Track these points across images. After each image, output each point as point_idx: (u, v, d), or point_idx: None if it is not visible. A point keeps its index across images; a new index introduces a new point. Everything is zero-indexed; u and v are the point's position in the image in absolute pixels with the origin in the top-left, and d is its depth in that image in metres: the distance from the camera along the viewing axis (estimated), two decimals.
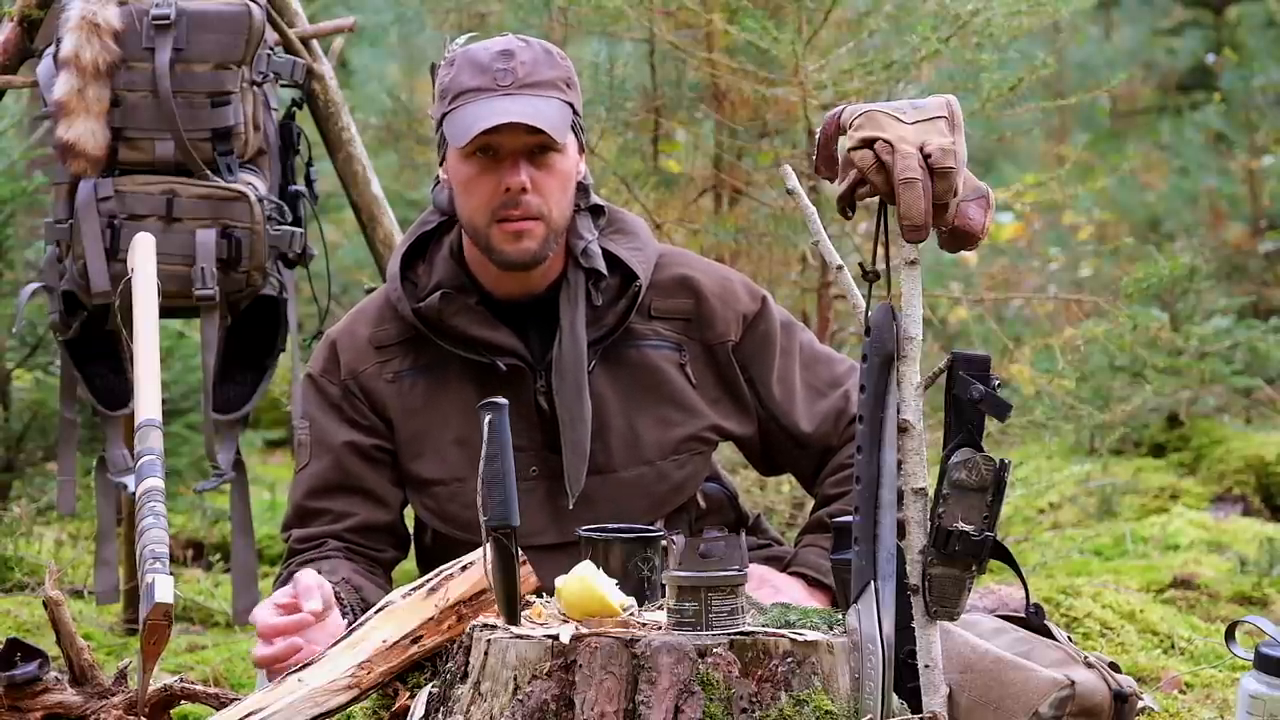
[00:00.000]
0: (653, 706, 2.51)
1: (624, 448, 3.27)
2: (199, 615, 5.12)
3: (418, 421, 3.29)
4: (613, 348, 3.28)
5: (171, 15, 3.84)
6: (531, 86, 3.16)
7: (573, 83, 3.24)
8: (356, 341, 3.32)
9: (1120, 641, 4.21)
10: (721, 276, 3.38)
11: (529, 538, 3.15)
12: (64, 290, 3.96)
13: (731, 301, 3.34)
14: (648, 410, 3.29)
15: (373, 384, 3.30)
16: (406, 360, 3.30)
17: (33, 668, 2.85)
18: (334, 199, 6.96)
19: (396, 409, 3.29)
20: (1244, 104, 9.86)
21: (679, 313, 3.32)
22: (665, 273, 3.33)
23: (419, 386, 3.29)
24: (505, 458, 2.68)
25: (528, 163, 3.17)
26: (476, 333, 3.24)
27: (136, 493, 3.06)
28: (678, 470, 3.30)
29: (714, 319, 3.32)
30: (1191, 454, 6.74)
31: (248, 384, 4.14)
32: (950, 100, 2.64)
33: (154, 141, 3.89)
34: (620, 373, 3.28)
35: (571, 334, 3.23)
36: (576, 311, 3.25)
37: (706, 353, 3.33)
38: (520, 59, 3.17)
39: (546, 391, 3.25)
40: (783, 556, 3.43)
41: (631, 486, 3.27)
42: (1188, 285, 6.89)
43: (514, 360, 3.24)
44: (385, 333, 3.31)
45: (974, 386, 2.61)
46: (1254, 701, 2.82)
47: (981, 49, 4.84)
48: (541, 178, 3.17)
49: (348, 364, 3.31)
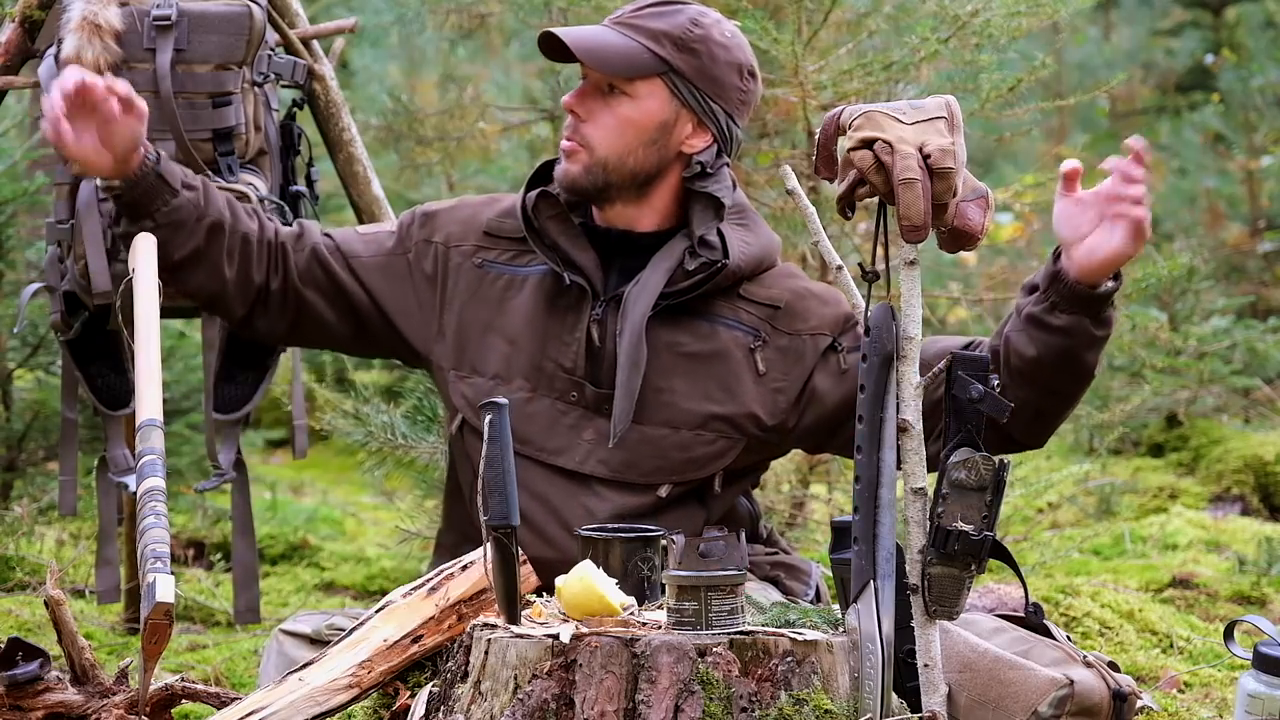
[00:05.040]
0: (653, 705, 2.52)
1: (657, 404, 3.28)
2: (200, 615, 5.12)
3: (484, 312, 3.37)
4: (686, 315, 3.30)
5: (172, 16, 3.84)
6: (628, 25, 3.27)
7: (693, 49, 3.26)
8: (475, 219, 3.44)
9: (1119, 641, 4.21)
10: (831, 291, 3.40)
11: (550, 455, 3.27)
12: (65, 290, 3.96)
13: (834, 304, 3.35)
14: (693, 380, 3.29)
15: (457, 260, 3.42)
16: (504, 256, 3.40)
17: (34, 667, 2.86)
18: (335, 199, 6.97)
19: (468, 294, 3.38)
20: (1242, 104, 9.86)
21: (769, 300, 3.34)
22: (776, 272, 3.38)
23: (499, 283, 3.38)
24: (506, 457, 2.69)
25: (598, 94, 3.27)
26: (560, 240, 3.32)
27: (138, 492, 3.07)
28: (701, 445, 3.29)
29: (809, 314, 3.33)
30: (1190, 454, 6.75)
31: (249, 384, 4.13)
32: (949, 101, 2.64)
33: (155, 142, 3.88)
34: (683, 336, 3.30)
35: (648, 282, 3.28)
36: (662, 264, 3.29)
37: (789, 342, 3.32)
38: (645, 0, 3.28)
39: (601, 320, 3.29)
40: (792, 564, 3.44)
41: (650, 443, 3.27)
42: (1186, 285, 6.89)
43: (582, 279, 3.30)
44: (500, 225, 3.41)
45: (973, 386, 2.62)
46: (1252, 701, 2.83)
47: (981, 50, 4.84)
48: (601, 113, 3.27)
49: (452, 234, 3.43)
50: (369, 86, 8.82)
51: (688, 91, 3.28)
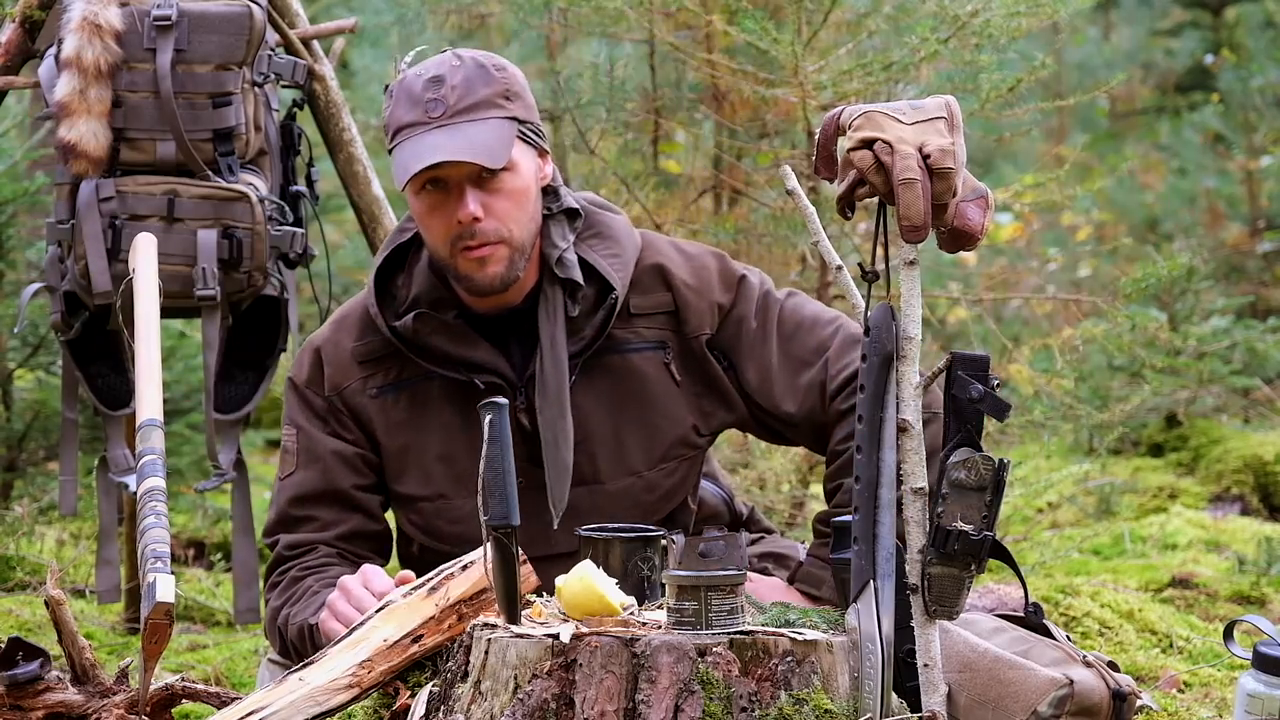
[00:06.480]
0: (652, 705, 2.52)
1: (610, 459, 3.23)
2: (200, 614, 5.12)
3: (402, 437, 3.25)
4: (594, 357, 3.23)
5: (173, 16, 3.85)
6: (465, 112, 3.09)
7: (514, 93, 3.14)
8: (340, 354, 3.27)
9: (1119, 640, 4.22)
10: (697, 265, 3.30)
11: (522, 550, 3.15)
12: (65, 290, 3.97)
13: (706, 292, 3.27)
14: (633, 419, 3.24)
15: (356, 400, 3.26)
16: (390, 375, 3.25)
17: (34, 667, 2.85)
18: (335, 199, 6.98)
19: (380, 425, 3.25)
20: (1242, 105, 9.86)
21: (659, 308, 3.26)
22: (642, 266, 3.27)
23: (401, 402, 3.25)
24: (505, 457, 2.69)
25: (476, 189, 3.10)
26: (454, 351, 3.19)
27: (138, 492, 3.07)
28: (666, 478, 3.27)
29: (689, 313, 3.25)
30: (1190, 454, 6.75)
31: (249, 384, 4.14)
32: (949, 101, 2.64)
33: (155, 142, 3.89)
34: (603, 383, 3.23)
35: (552, 351, 3.18)
36: (555, 326, 3.19)
37: (686, 347, 3.27)
38: (451, 83, 3.09)
39: (528, 408, 3.20)
40: (779, 552, 3.43)
41: (620, 498, 3.24)
42: (1186, 285, 6.90)
43: (493, 378, 3.19)
44: (367, 347, 3.26)
45: (973, 386, 2.62)
46: (1252, 700, 2.83)
47: (980, 50, 4.84)
48: (493, 201, 3.11)
49: (331, 378, 3.27)
50: (369, 86, 8.82)
51: (532, 132, 3.17)
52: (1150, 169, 10.84)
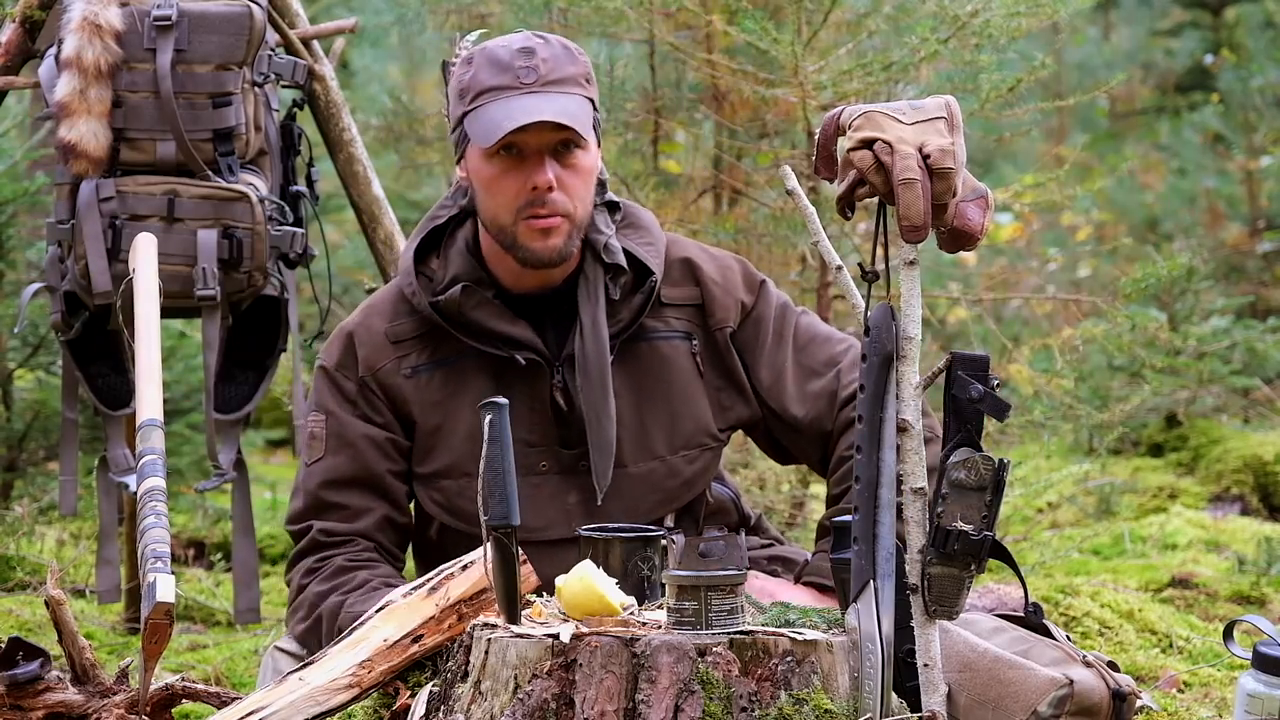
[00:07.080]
0: (652, 705, 2.52)
1: (634, 443, 3.27)
2: (200, 614, 5.12)
3: (436, 416, 3.28)
4: (627, 342, 3.28)
5: (173, 16, 3.85)
6: (555, 83, 3.16)
7: (592, 79, 3.23)
8: (373, 336, 3.30)
9: (1119, 640, 4.22)
10: (722, 264, 3.38)
11: (537, 532, 3.17)
12: (66, 290, 3.97)
13: (731, 289, 3.34)
14: (659, 405, 3.28)
15: (391, 380, 3.28)
16: (424, 354, 3.28)
17: (34, 667, 2.86)
18: (335, 199, 6.98)
19: (416, 404, 3.28)
20: (1242, 105, 9.86)
21: (687, 300, 3.32)
22: (671, 258, 3.34)
23: (436, 380, 3.28)
24: (506, 457, 2.69)
25: (553, 160, 3.16)
26: (496, 326, 3.23)
27: (138, 492, 3.07)
28: (688, 465, 3.30)
29: (715, 306, 3.32)
30: (1190, 454, 6.75)
31: (249, 384, 4.14)
32: (949, 101, 2.64)
33: (155, 142, 3.90)
34: (634, 367, 3.28)
35: (594, 330, 3.23)
36: (597, 307, 3.24)
37: (710, 340, 3.33)
38: (542, 56, 3.17)
39: (564, 387, 3.25)
40: (788, 557, 3.44)
41: (641, 481, 3.27)
42: (1186, 285, 6.90)
43: (532, 355, 3.24)
44: (401, 327, 3.29)
45: (973, 386, 2.62)
46: (1252, 700, 2.83)
47: (980, 50, 4.84)
48: (567, 175, 3.17)
49: (366, 359, 3.29)
50: (369, 86, 8.83)
51: (600, 119, 3.25)
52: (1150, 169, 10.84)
